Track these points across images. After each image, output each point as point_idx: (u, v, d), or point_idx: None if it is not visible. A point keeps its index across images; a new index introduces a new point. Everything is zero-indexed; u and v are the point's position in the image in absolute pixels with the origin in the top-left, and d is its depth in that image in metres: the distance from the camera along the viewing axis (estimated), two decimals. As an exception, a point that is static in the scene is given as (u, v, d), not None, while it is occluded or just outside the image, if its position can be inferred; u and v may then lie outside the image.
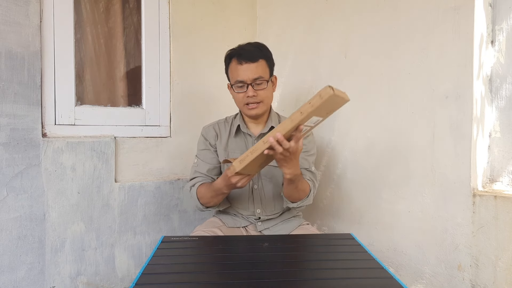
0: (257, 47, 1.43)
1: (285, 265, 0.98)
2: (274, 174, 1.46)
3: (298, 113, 0.99)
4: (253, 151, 1.07)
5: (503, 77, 1.32)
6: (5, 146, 1.42)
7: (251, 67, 1.38)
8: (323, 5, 1.84)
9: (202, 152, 1.50)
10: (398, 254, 1.54)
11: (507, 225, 1.22)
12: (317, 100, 0.97)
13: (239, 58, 1.39)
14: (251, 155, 1.07)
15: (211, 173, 1.48)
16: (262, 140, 1.06)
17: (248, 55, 1.39)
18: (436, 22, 1.38)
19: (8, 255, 1.44)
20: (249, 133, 1.48)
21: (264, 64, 1.42)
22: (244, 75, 1.38)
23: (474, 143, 1.31)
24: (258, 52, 1.41)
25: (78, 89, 1.66)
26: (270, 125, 1.47)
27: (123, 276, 1.73)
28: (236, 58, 1.40)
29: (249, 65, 1.38)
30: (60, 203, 1.55)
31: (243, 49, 1.41)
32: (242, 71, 1.38)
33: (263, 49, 1.45)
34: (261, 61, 1.40)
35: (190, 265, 1.02)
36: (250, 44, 1.44)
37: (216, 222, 1.49)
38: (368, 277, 0.93)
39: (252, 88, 1.38)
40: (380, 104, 1.58)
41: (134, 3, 1.84)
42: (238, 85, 1.40)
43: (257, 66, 1.39)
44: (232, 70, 1.42)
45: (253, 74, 1.37)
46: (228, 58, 1.45)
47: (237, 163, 1.09)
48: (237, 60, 1.40)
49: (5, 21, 1.41)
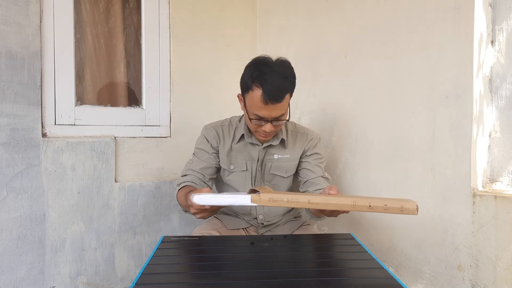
0: (285, 77, 1.26)
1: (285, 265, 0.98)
2: (276, 181, 1.46)
3: (367, 206, 0.90)
4: (292, 201, 0.93)
5: (503, 77, 1.32)
6: (5, 146, 1.42)
7: (276, 107, 1.24)
8: (323, 5, 1.84)
9: (200, 150, 1.44)
10: (398, 254, 1.54)
11: (507, 225, 1.22)
12: (395, 210, 0.89)
13: (264, 96, 1.22)
14: (285, 203, 0.93)
15: (205, 172, 1.41)
16: (309, 201, 0.93)
17: (275, 96, 1.23)
18: (436, 22, 1.38)
19: (8, 255, 1.44)
20: (255, 142, 1.42)
21: (288, 97, 1.29)
22: (266, 114, 1.26)
23: (474, 143, 1.31)
24: (285, 88, 1.26)
25: (78, 89, 1.66)
26: (281, 137, 1.41)
27: (123, 276, 1.73)
28: (261, 93, 1.23)
29: (275, 106, 1.24)
30: (60, 203, 1.55)
31: (271, 85, 1.22)
32: (266, 111, 1.25)
33: (290, 78, 1.28)
34: (286, 96, 1.27)
35: (190, 265, 1.02)
36: (277, 72, 1.24)
37: (216, 223, 1.49)
38: (368, 277, 0.93)
39: (271, 124, 1.28)
40: (380, 104, 1.58)
41: (134, 3, 1.84)
42: (256, 119, 1.28)
43: (282, 105, 1.26)
44: (253, 102, 1.26)
45: (276, 113, 1.26)
46: (250, 80, 1.25)
47: (265, 198, 0.93)
48: (261, 97, 1.22)
49: (5, 21, 1.41)
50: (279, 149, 1.44)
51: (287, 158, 1.44)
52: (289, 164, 1.45)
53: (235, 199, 1.02)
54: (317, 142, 1.47)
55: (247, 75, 1.28)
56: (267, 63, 1.27)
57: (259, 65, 1.28)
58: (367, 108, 1.64)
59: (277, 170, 1.44)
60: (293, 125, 1.50)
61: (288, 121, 1.37)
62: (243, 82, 1.30)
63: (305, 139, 1.46)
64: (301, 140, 1.45)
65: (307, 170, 1.43)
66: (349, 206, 0.91)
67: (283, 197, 0.93)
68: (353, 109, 1.70)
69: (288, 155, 1.44)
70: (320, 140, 1.49)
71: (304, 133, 1.48)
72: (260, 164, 1.43)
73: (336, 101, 1.78)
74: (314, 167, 1.43)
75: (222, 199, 1.04)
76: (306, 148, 1.45)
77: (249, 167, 1.43)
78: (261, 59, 1.30)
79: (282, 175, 1.44)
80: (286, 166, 1.44)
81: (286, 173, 1.44)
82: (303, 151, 1.45)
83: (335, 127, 1.79)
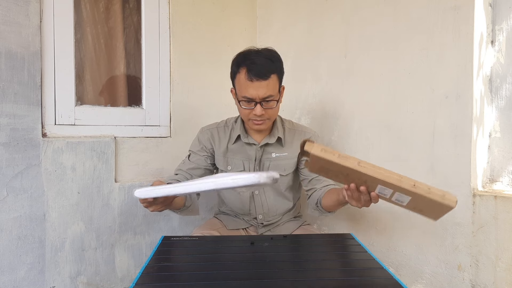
0: (269, 58, 1.30)
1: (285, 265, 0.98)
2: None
3: (412, 184, 0.89)
4: (342, 156, 0.90)
5: (503, 77, 1.32)
6: (5, 146, 1.42)
7: (262, 84, 1.26)
8: (323, 5, 1.84)
9: (191, 152, 1.49)
10: (398, 254, 1.54)
11: (507, 225, 1.22)
12: (436, 196, 0.88)
13: (249, 73, 1.27)
14: (336, 158, 0.90)
15: (193, 172, 1.44)
16: (359, 163, 0.90)
17: (259, 71, 1.26)
18: (436, 22, 1.38)
19: (8, 255, 1.44)
20: (252, 142, 1.43)
21: (275, 79, 1.31)
22: (253, 93, 1.27)
23: (474, 143, 1.31)
24: (270, 66, 1.29)
25: (78, 89, 1.66)
26: (277, 136, 1.42)
27: (123, 276, 1.73)
28: (246, 71, 1.27)
29: (260, 83, 1.26)
30: (60, 203, 1.55)
31: (254, 63, 1.27)
32: (252, 89, 1.27)
33: (275, 61, 1.32)
34: (273, 76, 1.29)
35: (190, 265, 1.02)
36: (261, 54, 1.31)
37: (216, 223, 1.49)
38: (368, 277, 0.93)
39: (261, 106, 1.29)
40: (380, 104, 1.58)
41: (134, 3, 1.84)
42: (245, 101, 1.31)
43: (268, 83, 1.27)
44: (240, 83, 1.30)
45: (263, 92, 1.27)
46: (236, 66, 1.32)
47: (318, 148, 0.90)
48: (246, 75, 1.27)
49: (5, 21, 1.41)
50: (277, 147, 1.44)
51: (285, 156, 1.44)
52: (288, 162, 1.45)
53: (174, 188, 0.98)
54: (315, 139, 1.47)
55: (234, 61, 1.34)
56: (252, 50, 1.33)
57: (244, 52, 1.34)
58: (367, 108, 1.64)
59: (275, 168, 1.44)
60: (290, 124, 1.50)
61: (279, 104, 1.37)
62: (231, 71, 1.36)
63: (303, 136, 1.46)
64: (299, 138, 1.46)
65: None
66: (396, 179, 0.89)
67: (334, 152, 0.90)
68: (353, 109, 1.70)
69: (286, 153, 1.44)
70: (318, 136, 1.50)
71: (302, 131, 1.48)
72: (258, 164, 1.43)
73: (336, 101, 1.79)
74: None
75: (160, 190, 0.98)
76: None
77: (247, 167, 1.44)
78: (247, 49, 1.35)
79: (281, 173, 1.44)
80: (284, 165, 1.44)
81: (285, 171, 1.44)
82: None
83: (335, 127, 1.79)
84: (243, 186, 0.88)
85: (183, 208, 1.33)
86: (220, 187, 0.89)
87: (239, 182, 0.86)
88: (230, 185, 0.87)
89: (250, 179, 0.84)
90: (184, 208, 1.34)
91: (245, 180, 0.85)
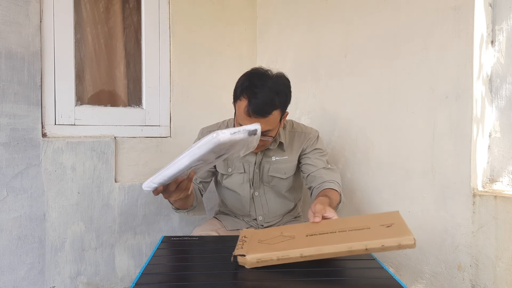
0: (275, 91, 1.20)
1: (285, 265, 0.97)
2: (275, 183, 1.46)
3: (363, 249, 0.87)
4: (282, 258, 0.91)
5: (503, 77, 1.32)
6: (5, 146, 1.42)
7: (260, 121, 1.17)
8: (323, 5, 1.84)
9: None
10: (398, 254, 1.54)
11: (507, 225, 1.22)
12: (393, 248, 0.86)
13: (248, 107, 1.18)
14: (275, 261, 0.91)
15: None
16: (301, 254, 0.90)
17: (259, 109, 1.18)
18: (436, 22, 1.38)
19: (8, 255, 1.44)
20: None
21: (277, 114, 1.23)
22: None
23: (474, 143, 1.31)
24: (272, 103, 1.20)
25: (78, 89, 1.66)
26: (279, 141, 1.40)
27: (123, 276, 1.73)
28: (246, 103, 1.19)
29: (259, 120, 1.17)
30: (60, 203, 1.55)
31: (256, 97, 1.18)
32: (250, 123, 1.13)
33: (281, 94, 1.23)
34: (274, 112, 1.21)
35: (190, 265, 1.02)
36: (266, 86, 1.20)
37: (215, 224, 1.49)
38: (368, 277, 0.93)
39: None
40: (380, 104, 1.58)
41: (134, 3, 1.84)
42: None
43: (268, 120, 1.21)
44: (239, 111, 1.23)
45: (261, 127, 1.20)
46: (239, 91, 1.24)
47: (253, 260, 0.92)
48: (246, 108, 1.19)
49: (5, 21, 1.41)
50: (277, 151, 1.43)
51: (285, 159, 1.44)
52: (288, 166, 1.44)
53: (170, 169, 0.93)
54: (315, 139, 1.47)
55: (239, 84, 1.26)
56: (262, 77, 1.23)
57: (253, 76, 1.25)
58: (367, 108, 1.64)
59: (275, 172, 1.43)
60: (290, 125, 1.49)
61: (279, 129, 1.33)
62: (234, 90, 1.28)
63: (303, 138, 1.45)
64: (299, 141, 1.45)
65: (308, 164, 1.43)
66: (345, 252, 0.88)
67: (272, 255, 0.91)
68: (353, 109, 1.70)
69: (286, 157, 1.44)
70: (318, 136, 1.49)
71: (302, 132, 1.47)
72: (258, 167, 1.43)
73: (336, 101, 1.79)
74: (314, 161, 1.42)
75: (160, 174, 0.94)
76: (305, 147, 1.44)
77: (247, 169, 1.43)
78: (258, 71, 1.27)
79: (281, 176, 1.44)
80: (284, 168, 1.44)
81: (285, 174, 1.44)
82: (301, 150, 1.45)
83: (335, 127, 1.79)
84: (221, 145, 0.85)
85: (191, 208, 1.33)
86: (194, 158, 0.87)
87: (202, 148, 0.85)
88: (199, 152, 0.86)
89: (211, 140, 0.83)
90: (191, 208, 1.34)
91: (207, 143, 0.84)
